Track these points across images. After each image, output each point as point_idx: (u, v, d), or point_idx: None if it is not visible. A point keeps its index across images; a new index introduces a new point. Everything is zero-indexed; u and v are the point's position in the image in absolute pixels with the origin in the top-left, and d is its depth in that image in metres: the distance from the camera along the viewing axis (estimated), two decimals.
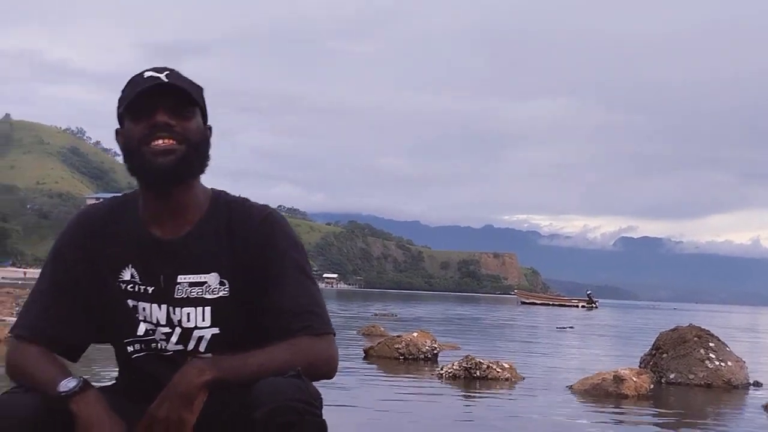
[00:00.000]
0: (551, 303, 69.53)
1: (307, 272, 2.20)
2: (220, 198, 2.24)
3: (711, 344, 9.77)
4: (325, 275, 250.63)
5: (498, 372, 9.04)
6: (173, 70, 2.14)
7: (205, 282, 2.16)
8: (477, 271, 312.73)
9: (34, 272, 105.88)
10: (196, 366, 1.95)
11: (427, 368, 10.26)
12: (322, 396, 1.98)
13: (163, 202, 2.15)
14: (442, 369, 9.29)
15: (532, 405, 7.50)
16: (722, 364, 9.53)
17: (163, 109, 2.06)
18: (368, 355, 11.06)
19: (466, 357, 9.26)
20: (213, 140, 2.20)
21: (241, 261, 2.17)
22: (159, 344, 2.18)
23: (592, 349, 16.56)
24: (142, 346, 2.19)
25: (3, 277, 61.63)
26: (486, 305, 58.20)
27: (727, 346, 10.01)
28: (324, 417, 1.95)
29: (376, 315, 25.53)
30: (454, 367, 9.12)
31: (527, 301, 71.49)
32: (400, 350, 11.04)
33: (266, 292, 2.14)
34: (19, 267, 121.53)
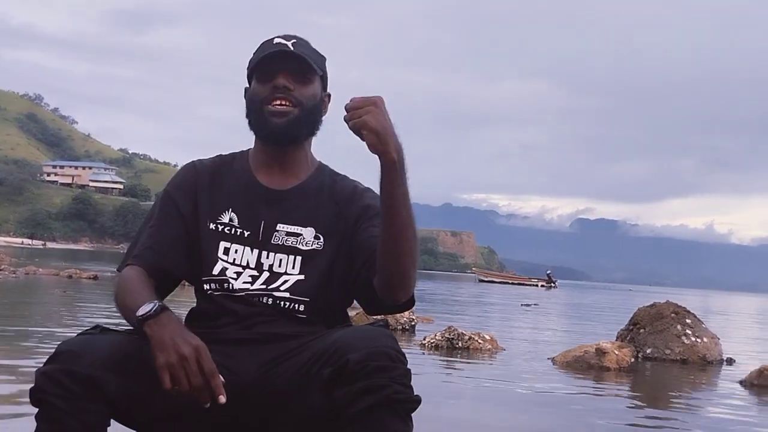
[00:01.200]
0: (510, 282, 69.63)
1: None
2: (325, 168, 2.45)
3: (687, 321, 9.93)
4: None
5: (480, 343, 9.12)
6: (300, 39, 2.34)
7: (301, 234, 2.32)
8: (434, 249, 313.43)
9: None
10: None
11: (404, 338, 10.30)
12: None
13: (276, 156, 2.35)
14: (424, 339, 9.35)
15: (517, 375, 7.57)
16: (698, 340, 9.69)
17: (284, 74, 2.26)
18: None
19: (449, 328, 9.35)
20: (174, 110, 2.33)
21: (338, 222, 2.34)
22: (239, 284, 2.27)
23: (562, 325, 16.81)
24: (217, 285, 2.28)
25: None
26: (446, 282, 58.46)
27: (703, 323, 10.18)
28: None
29: None
30: (437, 337, 9.19)
31: (486, 279, 71.60)
32: (378, 320, 11.06)
33: (360, 236, 2.29)
34: None
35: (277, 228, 2.30)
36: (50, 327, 8.82)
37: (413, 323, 11.35)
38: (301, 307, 2.26)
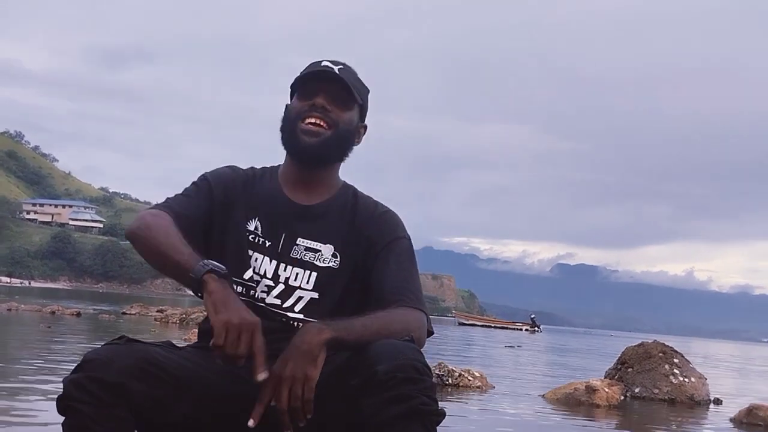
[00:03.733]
0: (493, 325, 68.91)
1: (412, 260, 2.42)
2: (349, 187, 2.52)
3: (675, 360, 9.99)
4: None
5: (470, 380, 9.13)
6: (348, 67, 2.42)
7: (320, 251, 2.37)
8: None
9: None
10: (314, 326, 2.06)
11: None
12: None
13: (304, 174, 2.43)
14: None
15: (508, 412, 7.56)
16: (686, 379, 9.74)
17: (325, 95, 2.34)
18: None
19: (439, 364, 9.34)
20: (155, 149, 2.43)
21: (357, 241, 2.40)
22: (258, 294, 2.34)
23: (547, 364, 16.80)
24: (244, 290, 2.35)
25: None
26: None
27: (690, 363, 10.23)
28: None
29: None
30: None
31: (467, 322, 70.82)
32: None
33: (372, 270, 2.34)
34: None
35: (297, 242, 2.37)
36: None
37: None
38: None
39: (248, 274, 2.36)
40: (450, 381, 9.03)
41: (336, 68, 2.36)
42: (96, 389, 1.94)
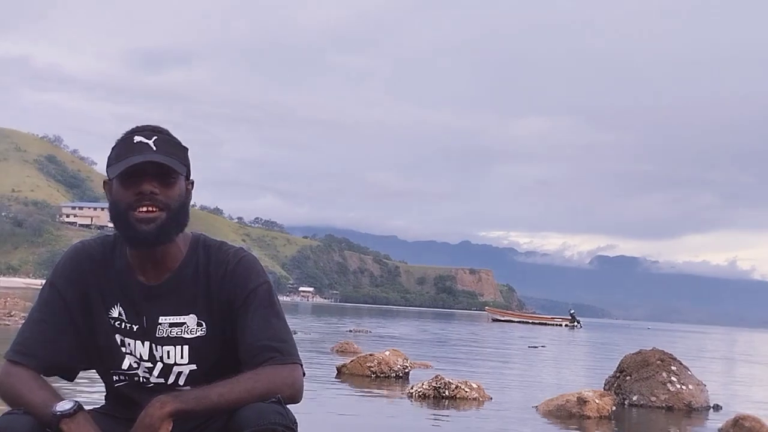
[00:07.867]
0: (530, 321, 67.21)
1: (274, 308, 2.45)
2: (199, 242, 2.51)
3: (673, 368, 10.06)
4: (300, 289, 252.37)
5: (466, 392, 9.28)
6: (161, 134, 2.38)
7: (184, 323, 2.43)
8: (453, 287, 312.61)
9: (7, 281, 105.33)
10: (159, 400, 2.20)
11: (398, 387, 10.47)
12: (297, 412, 2.28)
13: (146, 255, 2.42)
14: (412, 388, 9.51)
15: (496, 425, 7.74)
16: (683, 387, 9.82)
17: (149, 179, 2.31)
18: (341, 373, 11.28)
19: (436, 377, 9.50)
20: (193, 150, 2.47)
21: (217, 302, 2.44)
22: (141, 378, 2.45)
23: (562, 370, 16.86)
24: (126, 378, 2.47)
25: None
26: (460, 323, 58.34)
27: (689, 370, 10.30)
28: None
29: (351, 332, 25.80)
30: (424, 386, 9.35)
31: (502, 318, 69.53)
32: (372, 368, 11.27)
33: (236, 328, 2.41)
34: None
35: (160, 321, 2.41)
36: None
37: (407, 370, 11.52)
38: None
39: (126, 363, 2.44)
40: (447, 393, 9.18)
41: (152, 142, 2.32)
42: None
